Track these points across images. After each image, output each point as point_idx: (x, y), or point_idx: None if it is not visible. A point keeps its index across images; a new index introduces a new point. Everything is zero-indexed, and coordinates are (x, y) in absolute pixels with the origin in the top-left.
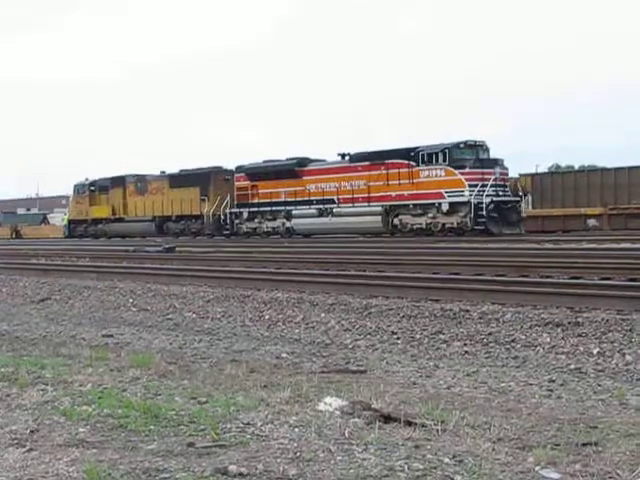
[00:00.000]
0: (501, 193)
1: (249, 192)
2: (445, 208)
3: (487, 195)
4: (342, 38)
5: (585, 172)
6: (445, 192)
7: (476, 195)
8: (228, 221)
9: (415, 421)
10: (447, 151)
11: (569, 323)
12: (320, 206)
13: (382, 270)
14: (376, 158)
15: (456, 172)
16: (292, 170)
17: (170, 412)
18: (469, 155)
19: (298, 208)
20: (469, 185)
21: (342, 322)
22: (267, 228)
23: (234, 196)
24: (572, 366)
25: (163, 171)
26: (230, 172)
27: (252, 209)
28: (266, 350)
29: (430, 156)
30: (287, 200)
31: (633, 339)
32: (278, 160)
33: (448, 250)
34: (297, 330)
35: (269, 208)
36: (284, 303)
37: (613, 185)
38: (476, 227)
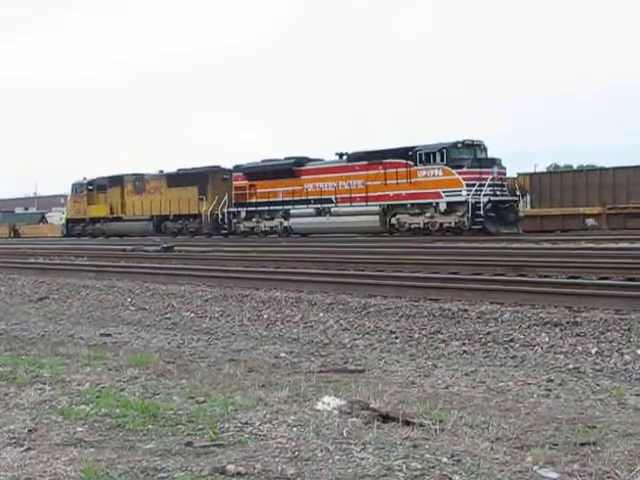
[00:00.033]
0: (499, 193)
1: (247, 191)
2: (443, 208)
3: (485, 195)
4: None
5: (584, 172)
6: (443, 192)
7: (474, 195)
8: (226, 220)
9: (413, 420)
10: (445, 151)
11: (567, 323)
12: (318, 205)
13: (381, 269)
14: (374, 157)
15: (454, 172)
16: (290, 169)
17: (168, 411)
18: (467, 155)
19: (296, 207)
20: (467, 185)
21: (340, 321)
22: (265, 227)
23: (232, 195)
24: (570, 366)
25: (161, 170)
26: (228, 171)
27: (250, 208)
28: (264, 349)
29: (428, 156)
30: (285, 199)
31: (631, 339)
32: (276, 159)
33: (446, 250)
34: (295, 329)
35: (267, 207)
36: (282, 302)
37: (611, 185)
38: (474, 227)
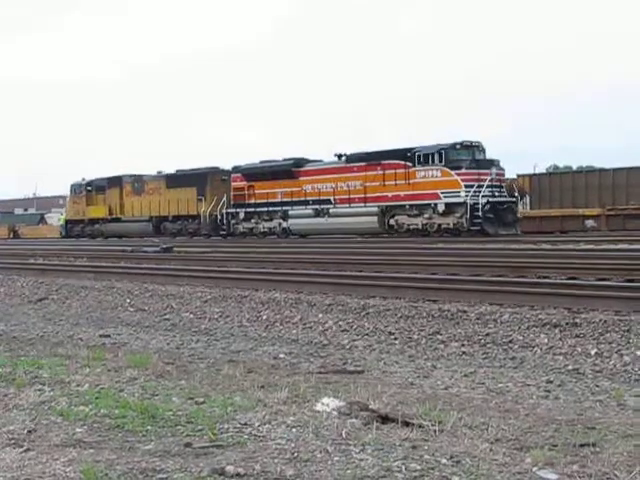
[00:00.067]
0: (497, 194)
1: (246, 192)
2: (441, 209)
3: (483, 196)
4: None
5: (583, 173)
6: (441, 193)
7: (472, 196)
8: (225, 221)
9: (412, 422)
10: (443, 152)
11: (567, 324)
12: (316, 206)
13: (380, 270)
14: (372, 159)
15: (452, 173)
16: (289, 170)
17: (167, 412)
18: (465, 156)
19: (295, 208)
20: (465, 186)
21: (340, 322)
22: (264, 228)
23: (231, 196)
24: (570, 367)
25: (160, 171)
26: (227, 172)
27: (249, 209)
28: (264, 350)
29: (426, 157)
30: (284, 200)
31: (631, 340)
32: (275, 160)
33: (445, 251)
34: (295, 330)
35: (266, 208)
36: (282, 303)
37: (611, 186)
38: (472, 228)
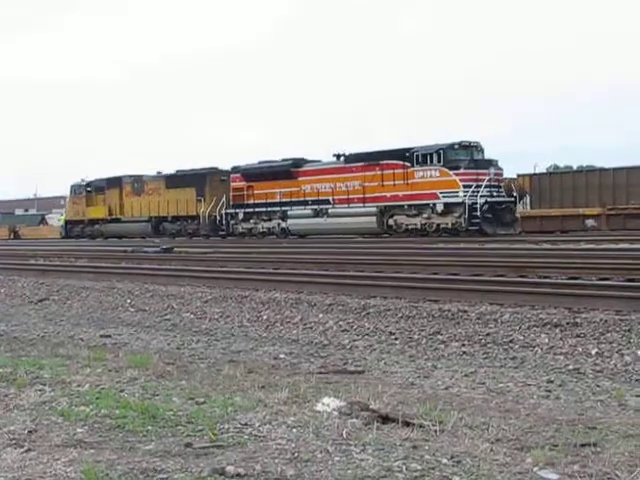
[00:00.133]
0: (495, 194)
1: (245, 193)
2: (440, 209)
3: (481, 196)
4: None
5: (583, 172)
6: (440, 193)
7: (470, 196)
8: (224, 222)
9: (413, 422)
10: (442, 152)
11: (567, 324)
12: (315, 207)
13: (380, 270)
14: (371, 159)
15: (450, 173)
16: (288, 171)
17: (168, 412)
18: (463, 156)
19: (294, 209)
20: (463, 186)
21: (340, 323)
22: (263, 229)
23: (230, 197)
24: (570, 367)
25: (159, 172)
26: (226, 173)
27: (248, 210)
28: (264, 351)
29: (425, 157)
30: (283, 201)
31: (632, 339)
32: (274, 161)
33: (446, 251)
34: (295, 331)
35: (265, 209)
36: (282, 303)
37: (611, 185)
38: (470, 228)
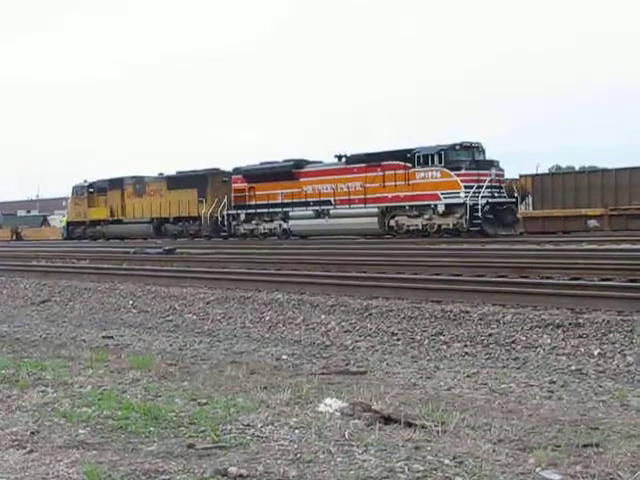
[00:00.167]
0: (496, 194)
1: (246, 194)
2: (441, 209)
3: (483, 196)
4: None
5: (586, 173)
6: (441, 193)
7: (472, 196)
8: (225, 223)
9: (415, 422)
10: (443, 152)
11: (570, 324)
12: (317, 207)
13: (382, 271)
14: (372, 160)
15: (452, 173)
16: (289, 172)
17: (170, 414)
18: (465, 156)
19: (295, 210)
20: (465, 186)
21: (342, 323)
22: (264, 230)
23: (231, 198)
24: (573, 367)
25: (161, 173)
26: (227, 174)
27: (249, 211)
28: (266, 351)
29: (426, 157)
30: (284, 202)
31: (634, 340)
32: (275, 162)
33: (448, 251)
34: (297, 331)
35: (266, 210)
36: (284, 304)
37: (614, 186)
38: (472, 228)
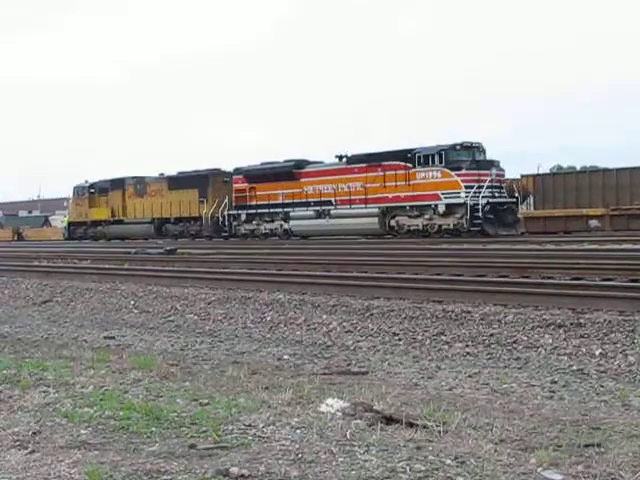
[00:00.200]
0: (497, 194)
1: (247, 194)
2: (441, 209)
3: (483, 197)
4: (342, 38)
5: (587, 173)
6: (441, 194)
7: (472, 196)
8: (226, 223)
9: (417, 422)
10: (443, 153)
11: (571, 324)
12: (318, 208)
13: (383, 271)
14: (373, 160)
15: (452, 174)
16: (290, 172)
17: (172, 414)
18: (465, 157)
19: (296, 210)
20: (465, 186)
21: (344, 324)
22: (265, 230)
23: (232, 198)
24: (574, 367)
25: (162, 173)
26: (228, 174)
27: (250, 211)
28: (268, 352)
29: (426, 158)
30: (285, 202)
31: (635, 340)
32: (276, 162)
33: (449, 251)
34: (299, 332)
35: (267, 210)
36: (286, 305)
37: (615, 186)
38: (472, 228)
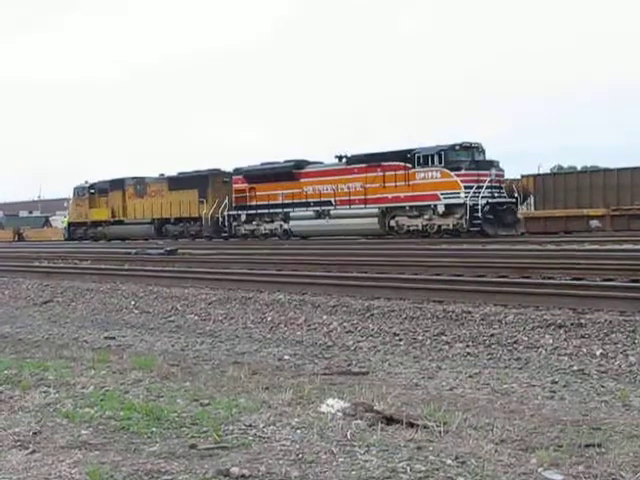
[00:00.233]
0: (496, 195)
1: (247, 194)
2: (441, 210)
3: (483, 197)
4: (342, 38)
5: (587, 173)
6: (441, 194)
7: (472, 197)
8: (226, 223)
9: (417, 422)
10: (443, 153)
11: (572, 324)
12: (317, 208)
13: (384, 272)
14: (372, 160)
15: (452, 174)
16: (289, 172)
17: (172, 414)
18: (465, 157)
19: (296, 210)
20: (465, 187)
21: (344, 324)
22: (265, 230)
23: (232, 198)
24: (575, 367)
25: (162, 174)
26: (228, 174)
27: (250, 211)
28: (268, 352)
29: (426, 158)
30: (285, 202)
31: (636, 340)
32: (276, 162)
33: (449, 252)
34: (299, 332)
35: (267, 210)
36: (286, 305)
37: (616, 186)
38: (472, 229)
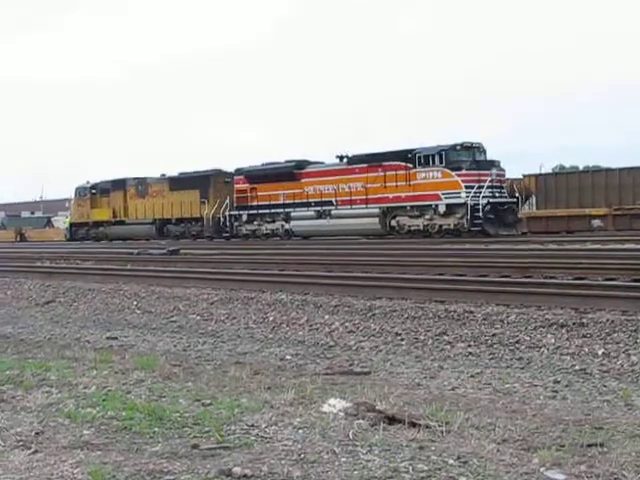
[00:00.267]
0: (497, 194)
1: (248, 194)
2: (442, 210)
3: (483, 197)
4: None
5: (589, 172)
6: (442, 194)
7: (472, 196)
8: (227, 223)
9: (419, 422)
10: (444, 153)
11: (574, 324)
12: (318, 208)
13: (385, 272)
14: (373, 160)
15: (453, 174)
16: (291, 172)
17: (174, 414)
18: (465, 157)
19: (297, 210)
20: (466, 187)
21: (346, 324)
22: (266, 230)
23: (233, 198)
24: (577, 367)
25: (163, 174)
26: (230, 175)
27: (251, 211)
28: (270, 352)
29: (427, 158)
30: (286, 202)
31: (638, 340)
32: (277, 162)
33: (451, 252)
34: (301, 332)
35: (268, 210)
36: (288, 305)
37: (618, 185)
38: (473, 228)
